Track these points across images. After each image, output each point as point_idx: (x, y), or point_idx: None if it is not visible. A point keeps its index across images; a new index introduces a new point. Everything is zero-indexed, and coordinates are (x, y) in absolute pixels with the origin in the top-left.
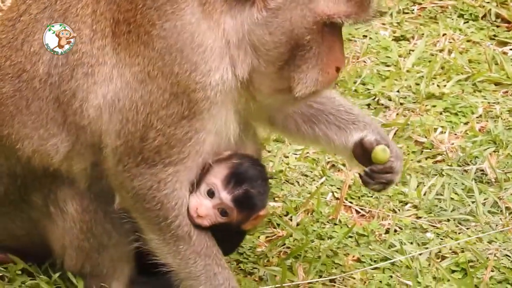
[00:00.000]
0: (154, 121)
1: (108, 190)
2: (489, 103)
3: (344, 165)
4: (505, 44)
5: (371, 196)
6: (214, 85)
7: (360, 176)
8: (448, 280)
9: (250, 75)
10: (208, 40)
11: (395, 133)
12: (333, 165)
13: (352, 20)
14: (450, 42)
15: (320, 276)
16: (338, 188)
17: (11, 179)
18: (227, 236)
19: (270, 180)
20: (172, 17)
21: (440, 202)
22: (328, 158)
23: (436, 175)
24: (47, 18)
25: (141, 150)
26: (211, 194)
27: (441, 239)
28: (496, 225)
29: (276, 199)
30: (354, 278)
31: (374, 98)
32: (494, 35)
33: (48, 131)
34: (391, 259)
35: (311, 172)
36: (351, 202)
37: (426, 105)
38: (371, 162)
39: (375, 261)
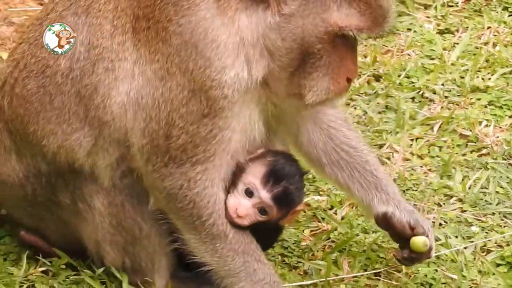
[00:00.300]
0: (176, 118)
1: (135, 184)
2: None
3: (388, 158)
4: None
5: (416, 190)
6: (230, 83)
7: (395, 256)
8: (494, 274)
9: (266, 77)
10: (222, 36)
11: (440, 127)
12: (378, 159)
13: (365, 34)
14: (495, 35)
15: (365, 270)
16: None
17: (37, 178)
18: (264, 232)
19: (313, 172)
20: (188, 12)
21: (485, 195)
22: (373, 151)
23: (481, 168)
24: (71, 14)
25: (167, 149)
26: (249, 193)
27: (486, 232)
28: None
29: (320, 193)
30: (399, 272)
31: (419, 92)
32: None
33: (71, 126)
34: (436, 253)
35: None
36: None
37: (470, 98)
38: (399, 237)
39: None
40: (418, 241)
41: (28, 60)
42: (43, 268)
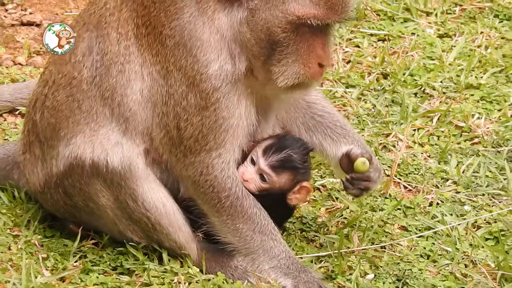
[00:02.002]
0: (180, 111)
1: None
2: None
3: (394, 146)
4: None
5: (417, 174)
6: (216, 74)
7: (342, 182)
8: (483, 247)
9: (250, 67)
10: (204, 35)
11: (438, 119)
12: (385, 146)
13: (322, 21)
14: (487, 39)
15: (372, 243)
16: (388, 166)
17: (51, 183)
18: (275, 212)
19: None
20: (176, 17)
21: (476, 179)
22: (380, 140)
23: (473, 155)
24: (85, 31)
25: (181, 140)
26: (253, 161)
27: (477, 211)
28: None
29: (334, 176)
30: (401, 245)
31: (421, 88)
32: None
33: (98, 124)
34: (433, 229)
35: None
36: (399, 179)
37: (465, 94)
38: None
39: (419, 230)
40: (357, 161)
41: (55, 77)
42: (94, 241)
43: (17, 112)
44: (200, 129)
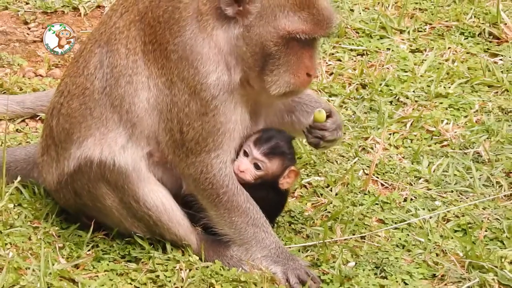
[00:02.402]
0: (183, 117)
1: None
2: (483, 101)
3: (372, 148)
4: (496, 55)
5: (393, 173)
6: (214, 84)
7: (303, 132)
8: (452, 238)
9: (246, 78)
10: (204, 49)
11: (411, 124)
12: (364, 148)
13: (309, 36)
14: (454, 54)
15: (353, 234)
16: (367, 166)
17: (62, 183)
18: (271, 207)
19: (314, 158)
20: (178, 34)
21: (445, 177)
22: (360, 143)
23: (442, 156)
24: (97, 47)
25: (183, 142)
26: (246, 153)
27: (447, 205)
28: (489, 195)
29: (319, 174)
30: (379, 236)
31: (395, 97)
32: (488, 48)
33: (107, 128)
34: (407, 221)
35: (347, 153)
36: (377, 177)
37: (435, 102)
38: None
39: (395, 223)
40: (315, 111)
41: (70, 88)
42: (105, 232)
43: (37, 118)
44: (201, 132)
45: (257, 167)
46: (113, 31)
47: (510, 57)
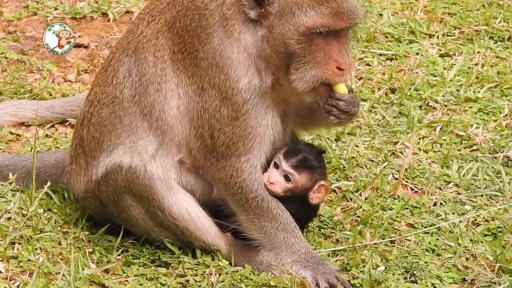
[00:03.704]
0: (214, 122)
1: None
2: None
3: (401, 152)
4: None
5: (422, 177)
6: (245, 88)
7: (324, 110)
8: (482, 242)
9: (276, 79)
10: (233, 54)
11: (441, 128)
12: (393, 153)
13: (330, 29)
14: (483, 58)
15: (383, 239)
16: (397, 171)
17: (89, 191)
18: (299, 215)
19: (343, 163)
20: (207, 41)
21: (475, 181)
22: (389, 147)
23: (472, 160)
24: (125, 56)
25: (214, 147)
26: (276, 166)
27: (476, 210)
28: None
29: (349, 179)
30: (409, 240)
31: (425, 101)
32: None
33: (137, 136)
34: (437, 225)
35: (376, 158)
36: (407, 182)
37: (464, 107)
38: None
39: (425, 227)
40: (337, 85)
41: (100, 97)
42: (135, 237)
43: (67, 123)
44: (231, 137)
45: (287, 179)
46: (140, 40)
47: None
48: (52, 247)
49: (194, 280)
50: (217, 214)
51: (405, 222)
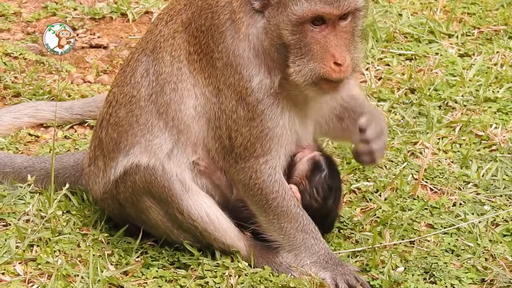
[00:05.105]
0: (231, 123)
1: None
2: None
3: (421, 153)
4: None
5: (442, 177)
6: (258, 88)
7: (354, 157)
8: (501, 242)
9: (284, 76)
10: (244, 52)
11: (460, 128)
12: (413, 153)
13: (321, 17)
14: (502, 58)
15: (402, 239)
16: (416, 171)
17: (107, 193)
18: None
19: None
20: (221, 40)
21: (494, 181)
22: (409, 148)
23: (491, 161)
24: (143, 56)
25: (232, 148)
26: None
27: (495, 210)
28: None
29: (368, 179)
30: (428, 241)
31: (444, 101)
32: None
33: (153, 135)
34: (456, 226)
35: (396, 158)
36: (426, 182)
37: (483, 107)
38: None
39: (444, 227)
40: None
41: (118, 97)
42: (154, 239)
43: (86, 124)
44: (249, 138)
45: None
46: (158, 39)
47: None
48: (71, 249)
49: (214, 282)
50: (237, 216)
51: (425, 222)
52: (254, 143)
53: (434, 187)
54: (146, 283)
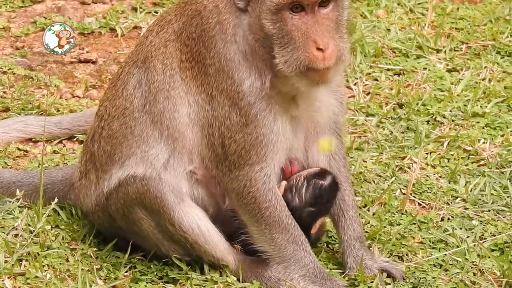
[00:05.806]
0: (224, 130)
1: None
2: None
3: (409, 167)
4: None
5: (430, 192)
6: (249, 91)
7: None
8: (489, 257)
9: (275, 74)
10: (234, 56)
11: (448, 143)
12: (401, 168)
13: (301, 2)
14: (490, 73)
15: (391, 254)
16: (404, 186)
17: (99, 206)
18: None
19: (351, 178)
20: (212, 46)
21: (482, 196)
22: (397, 162)
23: (479, 175)
24: (134, 68)
25: (225, 156)
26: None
27: (484, 225)
28: None
29: (357, 194)
30: (416, 255)
31: (432, 116)
32: None
33: (149, 145)
34: (445, 240)
35: (384, 173)
36: (414, 197)
37: (472, 122)
38: None
39: (433, 242)
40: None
41: (110, 110)
42: (142, 253)
43: (75, 139)
44: (243, 145)
45: None
46: (149, 49)
47: None
48: (60, 263)
49: None
50: (228, 225)
51: (413, 237)
52: (249, 150)
53: (423, 202)
54: None
